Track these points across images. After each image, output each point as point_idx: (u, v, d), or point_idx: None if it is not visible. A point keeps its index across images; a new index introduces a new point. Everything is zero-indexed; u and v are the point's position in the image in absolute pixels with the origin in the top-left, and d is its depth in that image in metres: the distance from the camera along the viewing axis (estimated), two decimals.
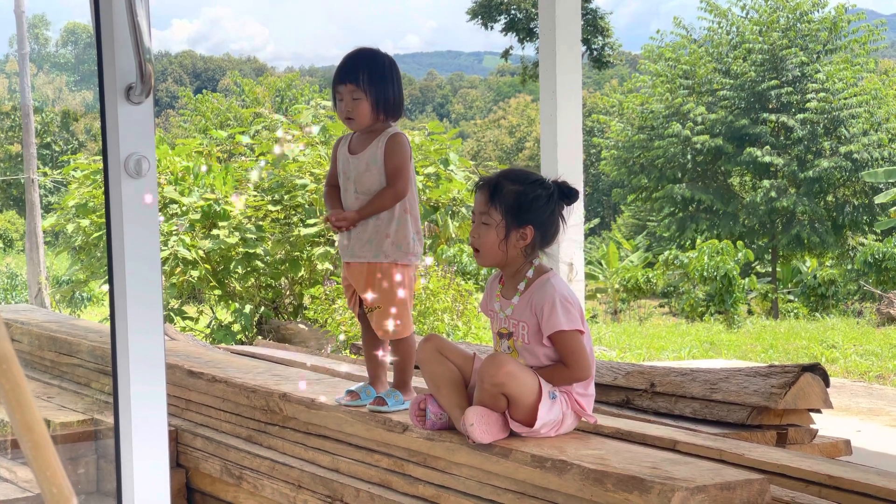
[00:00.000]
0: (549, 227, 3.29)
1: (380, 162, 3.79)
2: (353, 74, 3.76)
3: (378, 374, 3.97)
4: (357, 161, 3.83)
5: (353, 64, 3.79)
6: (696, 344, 13.09)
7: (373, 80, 3.77)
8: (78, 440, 4.73)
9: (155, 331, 2.41)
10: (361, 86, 3.75)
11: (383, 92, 3.79)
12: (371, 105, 3.77)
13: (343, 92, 3.78)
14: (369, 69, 3.78)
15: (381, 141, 3.81)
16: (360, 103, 3.76)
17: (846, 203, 27.05)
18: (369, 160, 3.80)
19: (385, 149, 3.80)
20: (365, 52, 3.86)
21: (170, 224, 12.13)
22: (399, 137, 3.82)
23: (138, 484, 2.39)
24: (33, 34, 47.23)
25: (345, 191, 3.88)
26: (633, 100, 29.58)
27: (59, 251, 16.18)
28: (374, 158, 3.80)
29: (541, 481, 2.95)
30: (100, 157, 11.48)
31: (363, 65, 3.78)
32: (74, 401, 5.19)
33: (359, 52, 3.87)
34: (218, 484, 4.55)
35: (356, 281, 3.89)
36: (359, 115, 3.78)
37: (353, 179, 3.83)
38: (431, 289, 10.38)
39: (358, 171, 3.82)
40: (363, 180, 3.81)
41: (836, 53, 27.40)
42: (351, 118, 3.80)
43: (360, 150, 3.85)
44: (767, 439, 3.99)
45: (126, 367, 2.37)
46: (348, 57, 3.84)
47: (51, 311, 15.04)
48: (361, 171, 3.81)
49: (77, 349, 5.53)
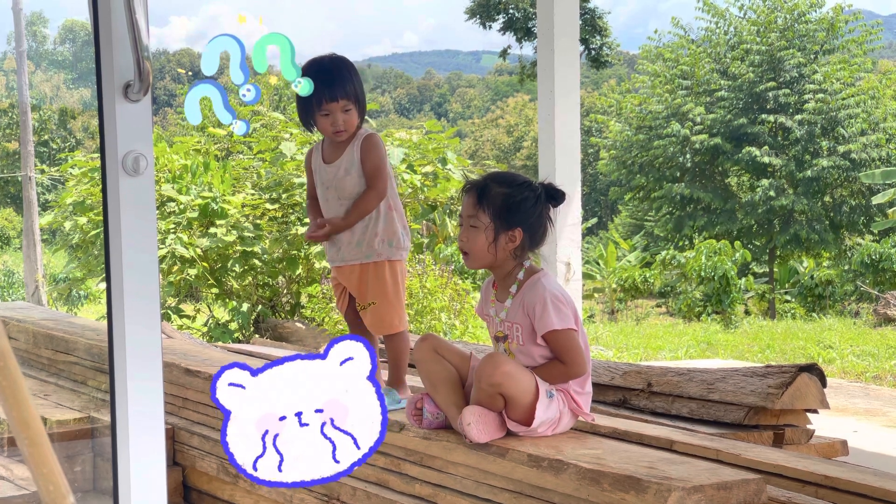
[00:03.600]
0: (537, 229, 3.31)
1: (357, 165, 3.78)
2: (342, 88, 3.72)
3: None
4: (334, 168, 3.83)
5: (338, 76, 3.73)
6: (693, 344, 13.09)
7: (357, 87, 3.75)
8: (74, 438, 4.73)
9: (152, 329, 2.41)
10: (352, 97, 3.73)
11: (363, 95, 3.80)
12: (358, 113, 3.78)
13: (333, 108, 3.73)
14: (351, 76, 3.75)
15: (355, 144, 3.80)
16: (352, 114, 3.75)
17: (843, 203, 27.06)
18: (347, 165, 3.80)
19: (361, 151, 3.79)
20: (337, 60, 3.79)
21: (167, 222, 12.12)
22: (373, 138, 3.82)
23: (135, 482, 2.39)
24: (31, 31, 47.17)
25: (325, 200, 3.88)
26: (632, 100, 29.59)
27: (56, 249, 16.15)
28: (351, 163, 3.79)
29: (537, 481, 2.95)
30: (97, 154, 11.44)
31: (346, 74, 3.74)
32: (71, 398, 5.19)
33: (331, 61, 3.78)
34: (214, 482, 4.55)
35: (348, 281, 3.91)
36: (351, 126, 3.78)
37: (334, 187, 3.83)
38: (429, 288, 10.38)
39: (336, 177, 3.82)
40: (343, 186, 3.81)
41: (833, 54, 27.42)
42: (342, 131, 3.77)
43: (334, 157, 3.84)
44: (764, 439, 3.99)
45: (123, 365, 2.37)
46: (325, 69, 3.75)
47: (48, 308, 15.03)
48: (341, 177, 3.81)
49: (74, 347, 5.52)
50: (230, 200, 12.53)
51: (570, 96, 7.28)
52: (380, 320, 3.88)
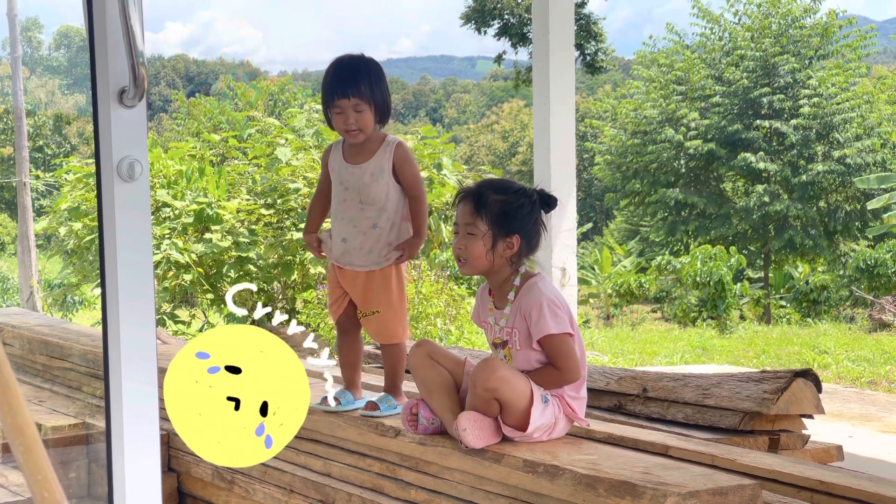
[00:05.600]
0: (533, 235, 3.33)
1: (388, 172, 3.73)
2: (356, 86, 3.66)
3: (354, 380, 3.96)
4: (359, 171, 3.75)
5: (353, 74, 3.68)
6: (688, 349, 13.09)
7: (374, 89, 3.68)
8: (69, 444, 4.72)
9: (147, 334, 2.40)
10: (365, 96, 3.67)
11: (384, 98, 3.73)
12: (374, 114, 3.71)
13: (345, 105, 3.67)
14: (369, 77, 3.68)
15: (386, 151, 3.74)
16: (365, 114, 3.68)
17: (838, 208, 27.08)
18: (376, 170, 3.73)
19: (396, 159, 3.73)
20: (357, 60, 3.74)
21: (162, 227, 12.11)
22: (405, 146, 3.78)
23: (130, 488, 2.39)
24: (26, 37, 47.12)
25: (342, 200, 3.80)
26: (627, 105, 29.61)
27: (51, 254, 16.15)
28: (380, 168, 3.73)
29: (533, 486, 2.95)
30: (92, 160, 11.44)
31: (363, 74, 3.68)
32: (66, 404, 5.18)
33: (350, 60, 3.74)
34: (209, 488, 4.54)
35: (352, 287, 3.85)
36: (364, 126, 3.70)
37: (356, 189, 3.76)
38: (424, 293, 10.38)
39: (362, 181, 3.74)
40: (369, 191, 3.74)
41: (827, 59, 27.46)
42: (355, 130, 3.71)
43: (360, 159, 3.77)
44: (759, 445, 3.99)
45: (118, 371, 2.37)
46: (343, 67, 3.72)
47: (43, 314, 15.02)
48: (367, 182, 3.74)
49: (69, 353, 5.51)
50: (225, 206, 12.53)
51: (566, 102, 7.29)
52: (384, 329, 3.85)
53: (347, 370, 3.96)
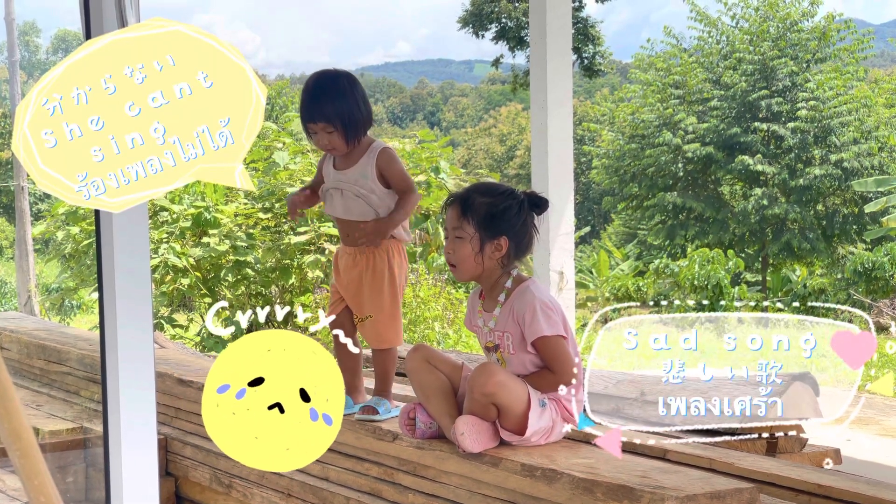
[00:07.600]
0: (522, 237, 3.33)
1: (371, 177, 3.80)
2: (320, 111, 3.74)
3: (354, 384, 3.96)
4: (345, 176, 3.86)
5: (317, 100, 3.76)
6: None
7: (339, 111, 3.74)
8: (67, 448, 4.72)
9: (145, 339, 2.41)
10: (332, 119, 3.74)
11: (350, 116, 3.77)
12: (343, 134, 3.77)
13: (315, 129, 3.78)
14: (333, 100, 3.74)
15: (370, 156, 3.82)
16: (334, 136, 3.77)
17: (836, 212, 27.09)
18: (359, 175, 3.83)
19: (380, 163, 3.81)
20: (324, 81, 3.81)
21: (160, 231, 12.10)
22: (388, 151, 3.86)
23: (127, 492, 2.39)
24: (23, 41, 47.13)
25: (330, 197, 3.91)
26: (624, 109, 29.61)
27: (48, 259, 16.12)
28: (363, 174, 3.82)
29: (531, 490, 2.95)
30: None
31: (328, 95, 3.75)
32: (63, 409, 5.18)
33: (317, 82, 3.81)
34: (207, 492, 4.54)
35: (346, 292, 3.90)
36: (337, 146, 3.80)
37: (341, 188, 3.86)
38: (422, 297, 10.38)
39: (349, 181, 3.84)
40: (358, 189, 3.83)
41: (825, 62, 27.47)
42: (329, 149, 3.83)
43: (347, 165, 3.87)
44: (757, 448, 3.99)
45: (116, 375, 2.37)
46: (309, 91, 3.80)
47: (40, 318, 15.01)
48: (353, 181, 3.84)
49: (66, 357, 5.51)
50: (223, 210, 12.51)
51: (563, 105, 7.28)
52: (377, 335, 3.88)
53: (346, 375, 3.96)
